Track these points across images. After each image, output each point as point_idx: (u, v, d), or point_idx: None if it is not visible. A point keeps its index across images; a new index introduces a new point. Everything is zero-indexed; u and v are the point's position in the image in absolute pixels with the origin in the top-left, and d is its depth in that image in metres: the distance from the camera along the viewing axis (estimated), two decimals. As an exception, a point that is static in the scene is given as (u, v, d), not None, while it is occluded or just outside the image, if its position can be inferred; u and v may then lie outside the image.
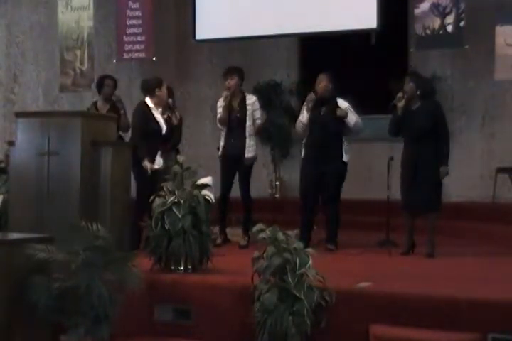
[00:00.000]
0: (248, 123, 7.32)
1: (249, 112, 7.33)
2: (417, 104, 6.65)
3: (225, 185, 7.35)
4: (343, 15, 8.99)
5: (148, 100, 6.74)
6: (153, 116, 6.68)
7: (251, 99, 7.41)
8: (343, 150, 7.01)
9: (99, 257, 4.61)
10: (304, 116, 7.07)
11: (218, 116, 7.41)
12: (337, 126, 6.98)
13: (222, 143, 7.46)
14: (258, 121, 7.42)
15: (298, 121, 7.18)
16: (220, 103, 7.42)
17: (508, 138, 9.17)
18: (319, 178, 6.96)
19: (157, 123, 6.68)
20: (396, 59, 9.47)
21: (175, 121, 7.19)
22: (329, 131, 6.95)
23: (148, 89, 6.79)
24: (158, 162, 6.63)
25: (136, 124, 6.77)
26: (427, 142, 6.53)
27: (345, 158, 7.02)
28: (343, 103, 7.05)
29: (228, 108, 7.31)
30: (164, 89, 6.78)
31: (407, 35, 9.26)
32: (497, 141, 9.28)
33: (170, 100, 7.15)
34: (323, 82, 7.03)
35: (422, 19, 8.54)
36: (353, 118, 6.97)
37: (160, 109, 6.81)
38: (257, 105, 7.44)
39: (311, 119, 7.02)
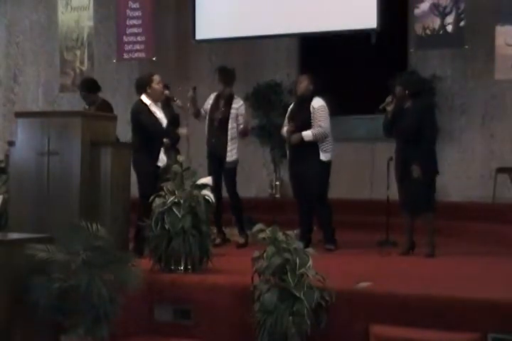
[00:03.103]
0: (230, 126, 7.31)
1: (232, 115, 7.31)
2: (408, 103, 6.65)
3: (215, 185, 7.30)
4: (343, 15, 8.99)
5: (144, 97, 6.70)
6: (150, 112, 6.64)
7: (238, 103, 7.39)
8: (320, 149, 6.96)
9: (99, 257, 4.61)
10: (284, 129, 7.12)
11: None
12: (308, 127, 6.93)
13: (206, 140, 7.51)
14: (241, 126, 7.38)
15: (282, 132, 7.23)
16: (207, 102, 7.48)
17: (508, 138, 9.18)
18: (300, 179, 6.96)
19: (156, 118, 6.65)
20: (396, 59, 9.47)
21: (177, 109, 7.17)
22: (303, 130, 6.90)
23: (140, 87, 6.75)
24: (162, 159, 6.61)
25: (143, 124, 6.53)
26: (415, 142, 6.49)
27: (323, 157, 6.93)
28: (316, 103, 6.99)
29: (215, 105, 7.36)
30: (155, 84, 6.70)
31: (407, 35, 9.26)
32: (497, 141, 9.28)
33: (167, 92, 7.07)
34: (304, 83, 7.05)
35: (422, 19, 8.54)
36: (308, 134, 6.87)
37: (159, 104, 6.76)
38: (243, 110, 7.42)
39: (289, 121, 7.06)
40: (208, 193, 5.68)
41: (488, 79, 8.81)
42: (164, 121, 6.64)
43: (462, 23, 8.37)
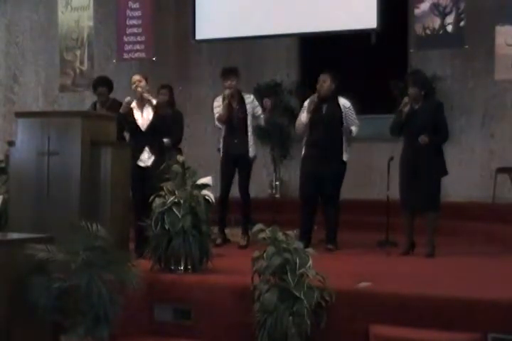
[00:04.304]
0: (249, 122, 7.37)
1: (249, 111, 7.36)
2: (419, 103, 6.66)
3: (225, 186, 7.35)
4: (343, 15, 8.99)
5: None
6: (131, 113, 6.62)
7: (249, 98, 7.45)
8: (343, 149, 7.03)
9: (99, 257, 4.61)
10: (304, 116, 7.07)
11: (217, 114, 7.41)
12: (338, 126, 7.00)
13: (222, 144, 7.47)
14: (262, 116, 7.49)
15: (298, 121, 7.19)
16: (218, 103, 7.43)
17: (508, 138, 9.18)
18: (319, 178, 6.96)
19: (134, 119, 6.60)
20: (396, 59, 9.47)
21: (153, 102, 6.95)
22: (331, 132, 6.96)
23: None
24: (144, 159, 6.56)
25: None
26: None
27: (344, 158, 7.04)
28: (345, 102, 7.06)
29: (229, 107, 7.33)
30: (132, 85, 6.71)
31: (407, 35, 9.25)
32: (497, 141, 9.28)
33: (139, 89, 6.86)
34: (326, 82, 7.04)
35: (422, 19, 8.53)
36: (355, 130, 7.03)
37: (149, 106, 6.66)
38: (256, 102, 7.49)
39: (312, 119, 7.03)
40: (208, 193, 5.68)
41: (488, 79, 8.80)
42: (142, 123, 6.56)
43: (462, 23, 8.36)
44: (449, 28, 8.41)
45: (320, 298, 4.52)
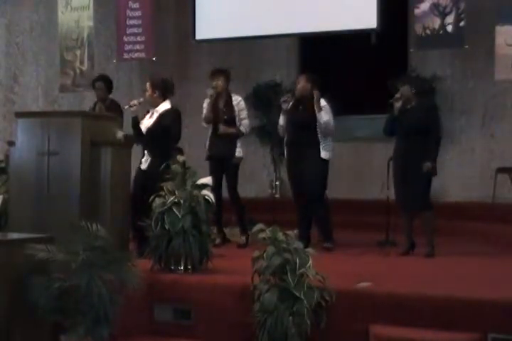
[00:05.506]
0: (237, 123, 7.33)
1: (236, 113, 7.33)
2: (413, 103, 6.67)
3: (215, 186, 7.32)
4: (343, 15, 8.99)
5: None
6: (143, 117, 6.64)
7: (236, 100, 7.40)
8: (321, 147, 6.98)
9: (99, 257, 4.61)
10: (281, 119, 7.11)
11: (203, 114, 7.43)
12: (312, 123, 6.95)
13: (208, 143, 7.48)
14: (244, 121, 7.39)
15: (278, 124, 7.20)
16: (206, 103, 7.43)
17: (508, 138, 9.18)
18: (299, 177, 6.97)
19: (139, 121, 6.59)
20: (396, 59, 9.48)
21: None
22: (304, 131, 6.94)
23: None
24: (143, 161, 6.54)
25: None
26: (416, 140, 6.52)
27: (323, 156, 6.96)
28: (321, 102, 7.04)
29: (214, 108, 7.33)
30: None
31: (407, 35, 9.25)
32: (497, 141, 9.29)
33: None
34: (300, 83, 7.07)
35: (422, 19, 8.53)
36: (323, 116, 6.90)
37: (158, 110, 6.64)
38: (242, 105, 7.43)
39: (289, 119, 7.04)
40: (207, 193, 5.68)
41: (488, 79, 8.81)
42: (145, 127, 6.53)
43: (462, 23, 8.36)
44: (449, 28, 8.41)
45: (320, 298, 4.52)
